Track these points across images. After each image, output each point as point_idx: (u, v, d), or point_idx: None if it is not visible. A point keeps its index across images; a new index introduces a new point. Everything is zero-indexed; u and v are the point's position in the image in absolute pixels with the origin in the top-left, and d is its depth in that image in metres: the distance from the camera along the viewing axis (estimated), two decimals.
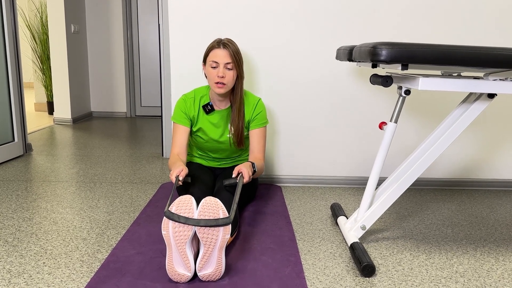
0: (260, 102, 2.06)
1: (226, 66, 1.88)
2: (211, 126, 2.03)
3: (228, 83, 1.90)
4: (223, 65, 1.88)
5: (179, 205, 1.38)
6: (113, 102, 5.20)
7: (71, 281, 1.39)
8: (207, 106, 2.01)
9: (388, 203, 1.67)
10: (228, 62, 1.88)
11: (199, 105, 2.02)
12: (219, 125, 2.04)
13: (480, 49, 1.35)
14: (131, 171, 2.76)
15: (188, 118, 2.01)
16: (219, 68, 1.88)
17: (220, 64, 1.88)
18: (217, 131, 2.04)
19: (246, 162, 1.87)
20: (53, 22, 4.42)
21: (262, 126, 2.05)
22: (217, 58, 1.88)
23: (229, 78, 1.89)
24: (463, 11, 2.34)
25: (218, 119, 2.03)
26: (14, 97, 2.97)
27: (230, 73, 1.89)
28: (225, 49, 1.88)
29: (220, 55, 1.88)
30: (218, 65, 1.88)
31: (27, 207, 2.06)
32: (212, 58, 1.89)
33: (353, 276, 1.48)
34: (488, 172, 2.57)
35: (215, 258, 1.38)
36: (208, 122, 2.03)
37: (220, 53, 1.88)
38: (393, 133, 1.67)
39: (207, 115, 2.03)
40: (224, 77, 1.88)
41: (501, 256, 1.67)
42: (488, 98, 1.59)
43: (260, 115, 2.04)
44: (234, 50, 1.89)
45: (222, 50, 1.88)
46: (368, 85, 2.42)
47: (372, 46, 1.38)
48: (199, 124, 2.03)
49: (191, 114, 2.01)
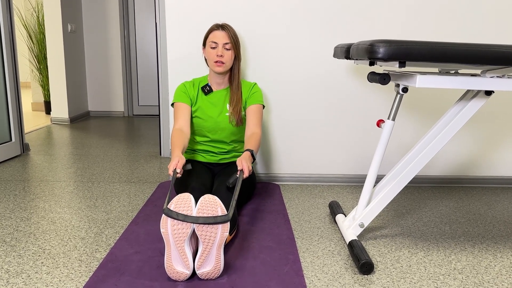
0: (256, 85, 2.16)
1: (225, 47, 2.00)
2: (209, 105, 2.10)
3: (227, 62, 2.01)
4: (222, 45, 1.99)
5: (177, 202, 1.38)
6: (111, 101, 5.19)
7: (70, 281, 1.39)
8: (206, 87, 2.11)
9: (386, 200, 1.67)
10: (227, 42, 1.99)
11: (198, 87, 2.12)
12: (217, 103, 2.11)
13: (477, 46, 1.35)
14: (129, 170, 2.76)
15: (188, 97, 2.08)
16: (218, 47, 1.99)
17: (219, 44, 1.99)
18: (216, 109, 2.10)
19: (246, 153, 1.87)
20: (49, 21, 4.40)
21: (258, 102, 2.11)
22: (216, 38, 2.00)
23: (227, 58, 2.00)
24: (460, 9, 2.34)
25: (217, 99, 2.11)
26: (11, 97, 2.96)
27: (228, 53, 2.01)
28: (223, 30, 2.01)
29: (219, 36, 1.99)
30: (217, 45, 1.99)
31: (25, 207, 2.06)
32: (211, 39, 2.01)
33: (351, 274, 1.48)
34: (485, 169, 2.58)
35: (213, 256, 1.38)
36: (207, 102, 2.11)
37: (219, 34, 2.00)
38: (391, 131, 1.68)
39: (206, 95, 2.10)
40: (223, 56, 1.99)
41: (499, 252, 1.67)
42: (485, 95, 1.59)
43: (256, 94, 2.12)
44: (232, 32, 2.02)
45: (221, 32, 2.00)
46: (365, 83, 2.43)
47: (369, 44, 1.38)
48: (198, 104, 2.10)
49: (191, 94, 2.10)
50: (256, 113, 2.09)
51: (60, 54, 4.45)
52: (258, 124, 2.08)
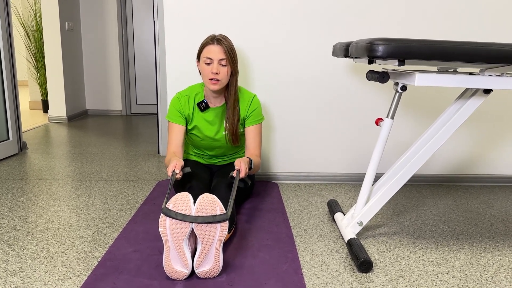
0: (255, 98, 2.04)
1: (220, 63, 1.87)
2: (206, 124, 2.02)
3: (223, 79, 1.88)
4: (217, 61, 1.86)
5: (176, 202, 1.37)
6: (108, 100, 5.17)
7: (68, 279, 1.39)
8: (201, 103, 1.99)
9: (385, 199, 1.67)
10: (222, 58, 1.86)
11: (193, 103, 2.01)
12: (214, 122, 2.03)
13: (476, 44, 1.35)
14: (127, 169, 2.75)
15: (183, 117, 1.99)
16: (213, 64, 1.86)
17: (214, 61, 1.86)
18: (212, 128, 2.03)
19: (245, 158, 1.86)
20: (47, 20, 4.38)
21: (258, 123, 2.04)
22: (211, 54, 1.86)
23: (223, 75, 1.87)
24: (459, 8, 2.34)
25: (213, 117, 2.02)
26: (9, 95, 2.95)
27: (224, 70, 1.87)
28: (219, 45, 1.86)
29: (214, 51, 1.86)
30: (212, 61, 1.86)
31: (23, 205, 2.05)
32: (206, 54, 1.87)
33: (350, 272, 1.48)
34: (483, 168, 2.58)
35: (212, 255, 1.38)
36: (203, 120, 2.02)
37: (214, 49, 1.86)
38: (389, 129, 1.68)
39: (202, 112, 2.01)
40: (218, 73, 1.86)
41: (497, 251, 1.68)
42: (484, 93, 1.59)
43: (255, 112, 2.03)
44: (228, 46, 1.87)
45: (216, 46, 1.86)
46: (364, 81, 2.43)
47: (368, 42, 1.38)
48: (194, 122, 2.02)
49: (185, 112, 2.00)
50: (256, 136, 2.03)
51: (58, 53, 4.44)
52: (258, 147, 2.03)
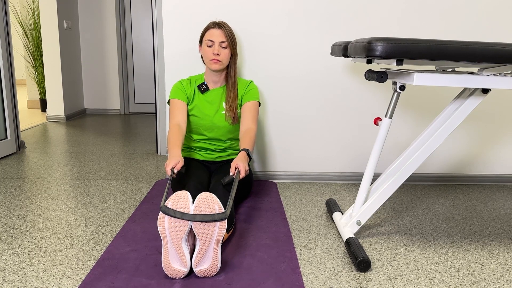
0: (252, 82, 2.15)
1: (221, 45, 1.99)
2: (206, 103, 2.10)
3: (223, 60, 2.00)
4: (218, 44, 1.99)
5: (175, 200, 1.37)
6: (107, 99, 5.17)
7: (66, 279, 1.39)
8: (202, 85, 2.10)
9: (383, 198, 1.67)
10: (223, 41, 1.99)
11: (194, 86, 2.12)
12: (214, 102, 2.10)
13: (474, 44, 1.36)
14: (125, 168, 2.75)
15: (185, 95, 2.08)
16: (214, 46, 1.99)
17: (215, 43, 1.99)
18: (212, 107, 2.09)
19: (241, 153, 1.87)
20: (45, 19, 4.37)
21: (254, 99, 2.10)
22: (212, 37, 1.99)
23: (224, 56, 2.00)
24: (458, 7, 2.34)
25: (213, 97, 2.11)
26: (7, 94, 2.94)
27: (225, 51, 2.00)
28: (220, 29, 2.00)
29: (216, 34, 1.99)
30: (214, 43, 1.99)
31: (21, 204, 2.05)
32: (208, 37, 2.00)
33: (348, 271, 1.49)
34: (481, 167, 2.59)
35: (211, 254, 1.38)
36: (203, 100, 2.10)
37: (215, 32, 1.99)
38: (388, 129, 1.68)
39: (202, 94, 2.10)
40: (219, 54, 1.98)
41: (495, 250, 1.68)
42: (482, 93, 1.60)
43: (252, 91, 2.11)
44: (229, 31, 2.01)
45: (218, 30, 2.00)
46: (362, 80, 2.43)
47: (367, 42, 1.38)
48: (195, 102, 2.10)
49: (187, 92, 2.09)
50: (252, 110, 2.08)
51: (56, 52, 4.43)
52: (253, 120, 2.07)
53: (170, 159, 1.76)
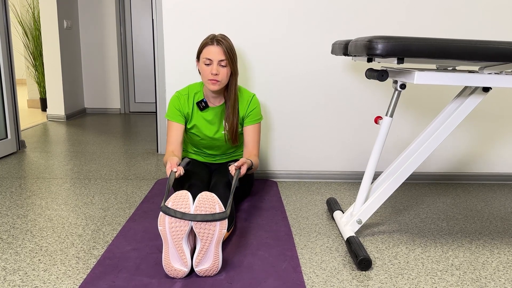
0: (254, 98, 2.05)
1: (220, 63, 1.86)
2: (205, 123, 2.02)
3: (222, 80, 1.88)
4: (217, 62, 1.86)
5: (175, 200, 1.37)
6: (107, 98, 5.16)
7: (67, 278, 1.39)
8: (201, 103, 1.99)
9: (384, 197, 1.67)
10: (222, 59, 1.86)
11: (193, 101, 2.01)
12: (213, 122, 2.03)
13: (475, 42, 1.35)
14: (126, 167, 2.75)
15: (182, 115, 1.99)
16: (212, 65, 1.86)
17: (213, 61, 1.86)
18: (212, 128, 2.03)
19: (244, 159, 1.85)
20: (45, 18, 4.37)
21: (257, 122, 2.05)
22: (210, 55, 1.85)
23: (223, 75, 1.87)
24: (458, 5, 2.34)
25: (213, 116, 2.02)
26: (7, 93, 2.94)
27: (224, 70, 1.87)
28: (218, 45, 1.86)
29: (214, 52, 1.85)
30: (212, 62, 1.86)
31: (22, 204, 2.05)
32: (205, 55, 1.87)
33: (349, 270, 1.49)
34: (482, 166, 2.59)
35: (212, 253, 1.38)
36: (202, 119, 2.02)
37: (213, 50, 1.85)
38: (388, 128, 1.68)
39: (202, 112, 2.01)
40: (218, 74, 1.86)
41: (496, 249, 1.68)
42: (483, 91, 1.59)
43: (254, 111, 2.03)
44: (228, 47, 1.86)
45: (216, 47, 1.86)
46: (363, 79, 2.42)
47: (368, 40, 1.37)
48: (194, 121, 2.02)
49: (185, 111, 2.00)
50: (255, 135, 2.03)
51: (56, 51, 4.43)
52: (256, 147, 2.04)
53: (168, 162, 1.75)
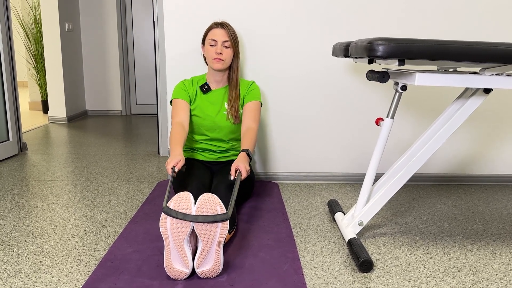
0: (254, 83, 2.17)
1: (224, 44, 2.01)
2: (208, 104, 2.11)
3: (226, 59, 2.02)
4: (221, 43, 2.01)
5: (177, 201, 1.38)
6: (108, 100, 5.17)
7: (69, 280, 1.39)
8: (204, 86, 2.11)
9: (385, 198, 1.67)
10: (226, 40, 2.01)
11: (197, 86, 2.13)
12: (216, 102, 2.11)
13: (476, 44, 1.35)
14: (127, 169, 2.75)
15: (187, 95, 2.09)
16: (217, 45, 2.01)
17: (218, 42, 2.01)
18: (214, 108, 2.10)
19: (241, 154, 1.86)
20: (46, 20, 4.38)
21: (256, 99, 2.11)
22: (215, 36, 2.01)
23: (226, 55, 2.02)
24: (459, 7, 2.34)
25: (215, 97, 2.12)
26: (9, 96, 2.95)
27: (227, 51, 2.02)
28: (223, 28, 2.02)
29: (218, 34, 2.01)
30: (216, 42, 2.01)
31: (23, 206, 2.05)
32: (210, 37, 2.03)
33: (351, 272, 1.48)
34: (484, 167, 2.59)
35: (213, 255, 1.38)
36: (205, 101, 2.11)
37: (218, 32, 2.02)
38: (390, 129, 1.68)
39: (204, 94, 2.11)
40: (222, 53, 2.00)
41: (498, 250, 1.68)
42: (484, 93, 1.59)
43: (254, 91, 2.13)
44: (232, 30, 2.04)
45: (220, 30, 2.02)
46: (364, 81, 2.43)
47: (368, 42, 1.38)
48: (197, 102, 2.11)
49: (190, 92, 2.11)
50: (253, 110, 2.09)
51: (58, 53, 4.44)
52: (254, 120, 2.07)
53: (171, 157, 1.76)
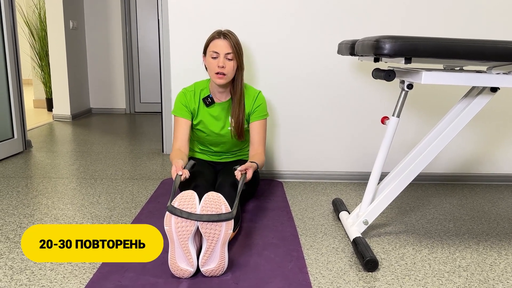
0: (260, 94, 2.06)
1: (227, 57, 1.88)
2: (211, 119, 2.03)
3: (229, 73, 1.89)
4: (224, 55, 1.87)
5: (181, 200, 1.37)
6: (112, 98, 5.18)
7: (74, 277, 1.39)
8: (207, 98, 2.00)
9: (391, 197, 1.66)
10: (229, 52, 1.87)
11: (199, 98, 2.02)
12: (219, 117, 2.03)
13: (483, 42, 1.34)
14: (131, 167, 2.76)
15: (188, 111, 2.00)
16: (219, 58, 1.87)
17: (220, 54, 1.87)
18: (218, 124, 2.03)
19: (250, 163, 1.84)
20: (51, 19, 4.39)
21: (262, 118, 2.04)
22: (217, 48, 1.87)
23: (229, 69, 1.88)
24: (465, 5, 2.33)
25: (219, 112, 2.03)
26: (13, 94, 2.96)
27: (230, 64, 1.89)
28: (225, 39, 1.88)
29: (221, 45, 1.87)
30: (219, 55, 1.87)
31: (28, 203, 2.06)
32: (212, 48, 1.89)
33: (356, 271, 1.48)
34: (489, 167, 2.57)
35: (218, 253, 1.38)
36: (208, 115, 2.02)
37: (220, 43, 1.87)
38: (395, 128, 1.67)
39: (208, 107, 2.02)
40: (224, 67, 1.87)
41: (504, 250, 1.67)
42: (490, 92, 1.58)
43: (260, 108, 2.04)
44: (235, 41, 1.89)
45: (223, 41, 1.88)
46: (369, 79, 2.42)
47: (375, 40, 1.37)
48: (200, 117, 2.02)
49: (191, 107, 2.01)
50: (260, 131, 2.03)
51: (62, 51, 4.45)
52: (262, 143, 2.03)
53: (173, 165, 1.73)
